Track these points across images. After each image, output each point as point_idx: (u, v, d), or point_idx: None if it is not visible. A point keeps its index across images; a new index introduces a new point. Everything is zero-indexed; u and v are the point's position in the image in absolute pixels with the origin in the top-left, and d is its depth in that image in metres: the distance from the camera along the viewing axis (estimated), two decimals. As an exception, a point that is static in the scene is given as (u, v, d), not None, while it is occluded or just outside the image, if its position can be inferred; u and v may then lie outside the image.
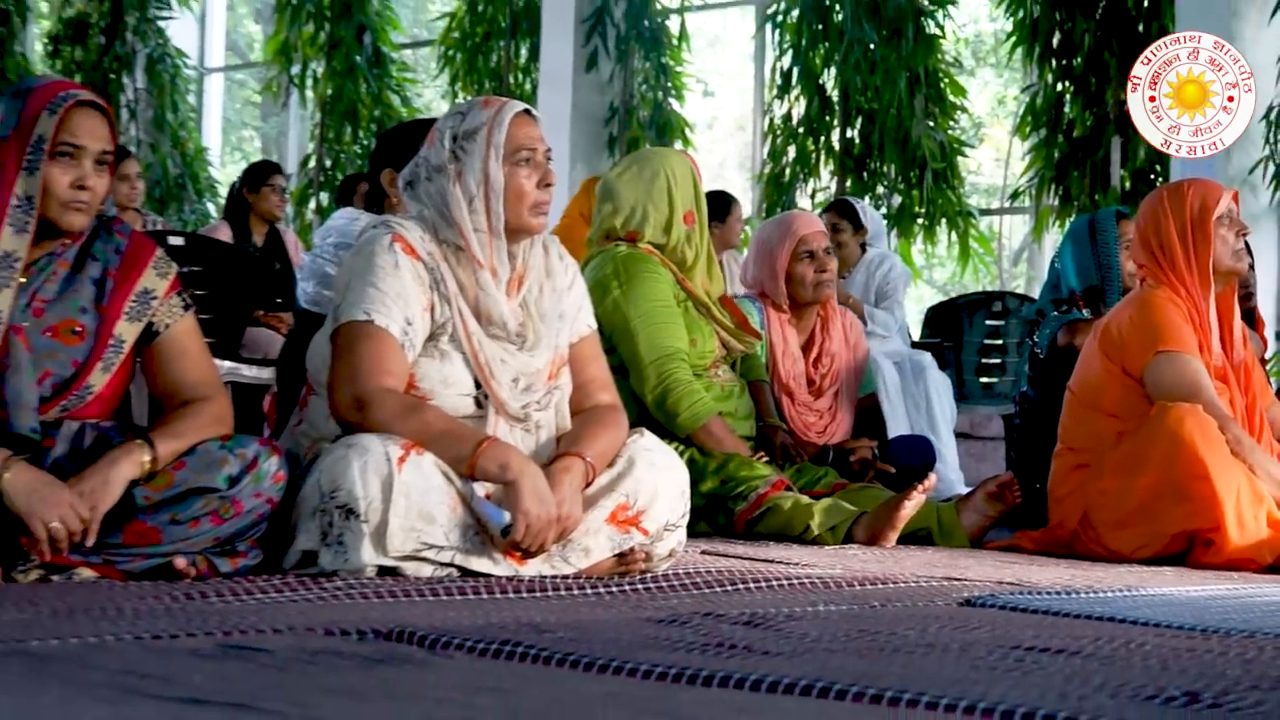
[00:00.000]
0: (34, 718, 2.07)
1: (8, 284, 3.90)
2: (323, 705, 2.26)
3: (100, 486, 3.78)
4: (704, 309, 6.04)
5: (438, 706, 2.32)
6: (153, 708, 2.18)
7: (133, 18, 15.06)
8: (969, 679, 2.63)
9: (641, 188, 6.06)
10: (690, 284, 6.02)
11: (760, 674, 2.52)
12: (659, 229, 6.03)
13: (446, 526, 4.02)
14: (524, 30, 12.83)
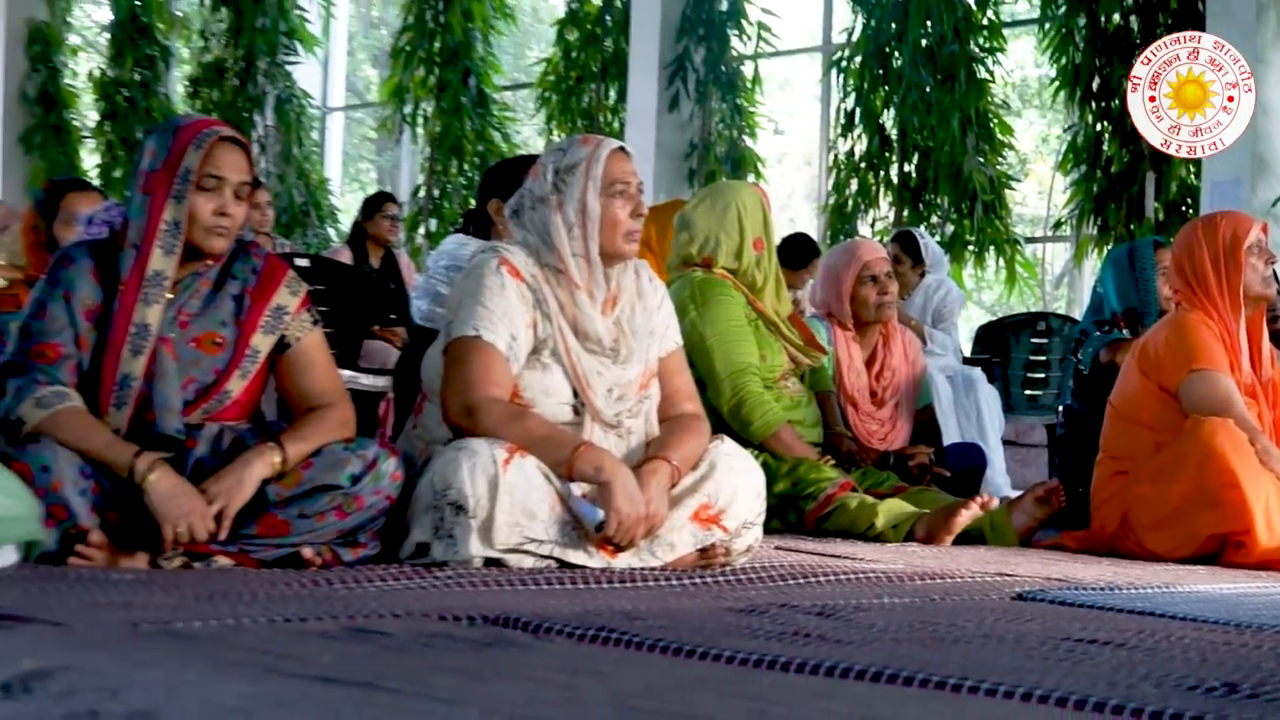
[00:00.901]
0: (180, 693, 2.06)
1: (158, 300, 3.92)
2: (439, 684, 2.26)
3: (236, 484, 3.79)
4: (773, 327, 6.02)
5: (542, 687, 2.30)
6: (288, 685, 2.18)
7: (263, 62, 15.14)
8: (1024, 668, 2.61)
9: (715, 218, 6.04)
10: (760, 304, 6.00)
11: (833, 661, 2.50)
12: (731, 255, 6.01)
13: (546, 522, 4.02)
14: (613, 74, 12.83)
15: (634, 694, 2.28)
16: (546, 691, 2.27)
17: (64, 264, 3.99)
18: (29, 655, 2.25)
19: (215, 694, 2.06)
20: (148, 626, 2.72)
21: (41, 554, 3.61)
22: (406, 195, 14.34)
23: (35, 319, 3.94)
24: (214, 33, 15.50)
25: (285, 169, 14.81)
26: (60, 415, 3.80)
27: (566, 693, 2.26)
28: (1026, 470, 10.11)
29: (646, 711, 2.14)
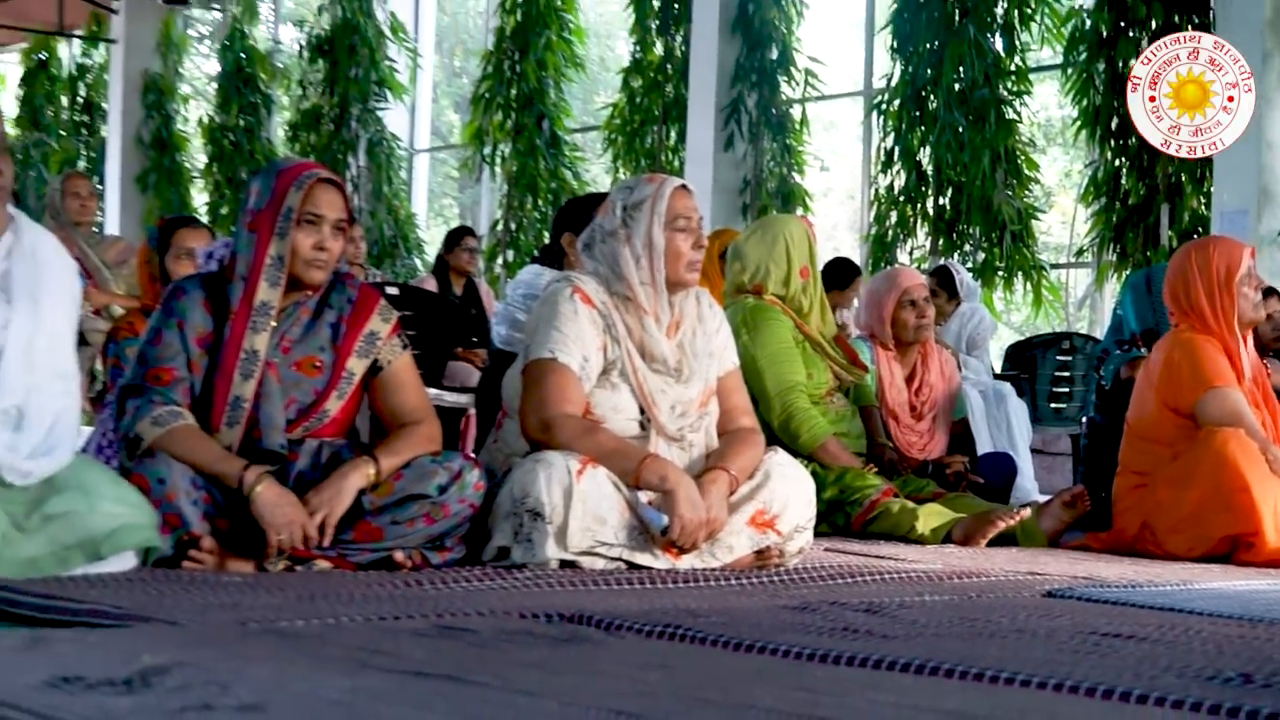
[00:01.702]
0: (286, 686, 2.07)
1: (265, 328, 3.94)
2: (521, 678, 2.25)
3: (335, 495, 3.80)
4: (818, 347, 6.00)
5: (616, 680, 2.30)
6: (384, 679, 2.18)
7: (356, 109, 15.19)
8: (1056, 660, 2.59)
9: (764, 249, 6.02)
10: (807, 327, 5.97)
11: (881, 655, 2.49)
12: (779, 282, 5.99)
13: (616, 527, 4.01)
14: (673, 117, 12.82)
15: (699, 686, 2.27)
16: (619, 684, 2.26)
17: (178, 295, 4.01)
18: (147, 652, 2.25)
19: (318, 688, 2.06)
20: (255, 625, 2.73)
21: (157, 559, 3.62)
22: (485, 229, 14.36)
23: (151, 345, 3.96)
24: (311, 82, 15.56)
25: (376, 205, 14.87)
26: (175, 432, 3.81)
27: (637, 685, 2.25)
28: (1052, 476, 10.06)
29: (711, 702, 2.13)
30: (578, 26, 14.03)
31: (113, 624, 2.77)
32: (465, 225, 11.59)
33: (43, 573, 3.29)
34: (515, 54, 13.88)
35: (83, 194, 8.26)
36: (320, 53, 15.42)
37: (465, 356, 9.12)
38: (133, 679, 2.02)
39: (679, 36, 12.85)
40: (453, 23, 24.24)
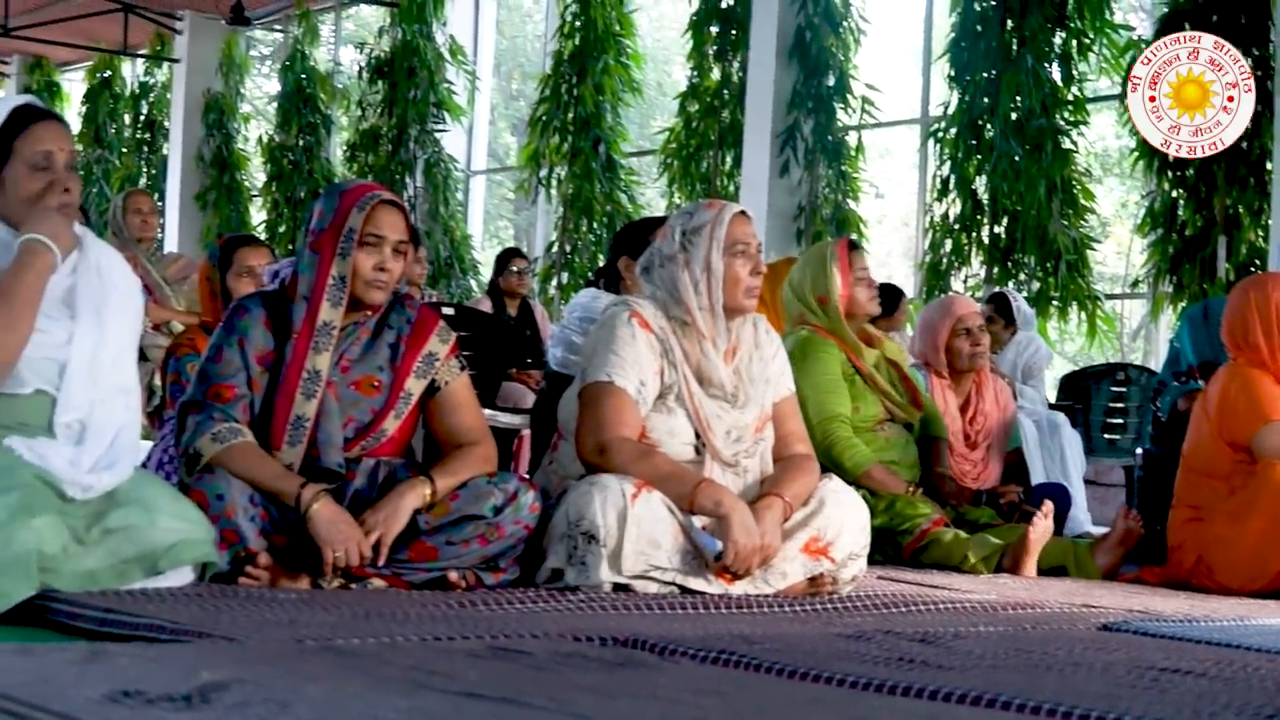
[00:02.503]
0: (344, 706, 2.06)
1: (327, 348, 3.95)
2: (577, 701, 2.24)
3: (391, 514, 3.81)
4: (871, 380, 5.95)
5: (672, 706, 2.29)
6: (439, 700, 2.17)
7: (414, 130, 15.23)
8: (1114, 695, 2.56)
9: (799, 279, 6.02)
10: (860, 360, 5.93)
11: (937, 685, 2.47)
12: (816, 312, 5.94)
13: (670, 551, 4.00)
14: (729, 142, 12.79)
15: (755, 713, 2.26)
16: (675, 710, 2.25)
17: (239, 313, 4.03)
18: (206, 668, 2.25)
19: (375, 707, 2.05)
20: (312, 643, 2.73)
21: (214, 574, 3.63)
22: (540, 251, 14.38)
23: (212, 362, 3.98)
24: (370, 103, 15.62)
25: (432, 226, 14.90)
26: (234, 449, 3.83)
27: (693, 711, 2.24)
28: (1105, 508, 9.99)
29: (767, 730, 2.12)
30: (635, 51, 14.04)
31: (170, 639, 2.78)
32: (513, 247, 11.62)
33: (101, 586, 3.30)
34: (573, 78, 13.90)
35: (144, 210, 8.31)
36: (380, 74, 15.48)
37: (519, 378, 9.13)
38: (192, 695, 2.02)
39: (736, 62, 12.85)
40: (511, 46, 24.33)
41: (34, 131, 3.55)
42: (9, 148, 3.53)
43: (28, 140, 3.54)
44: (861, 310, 5.98)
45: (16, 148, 3.53)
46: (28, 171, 3.53)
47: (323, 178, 16.45)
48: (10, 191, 3.53)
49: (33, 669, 2.22)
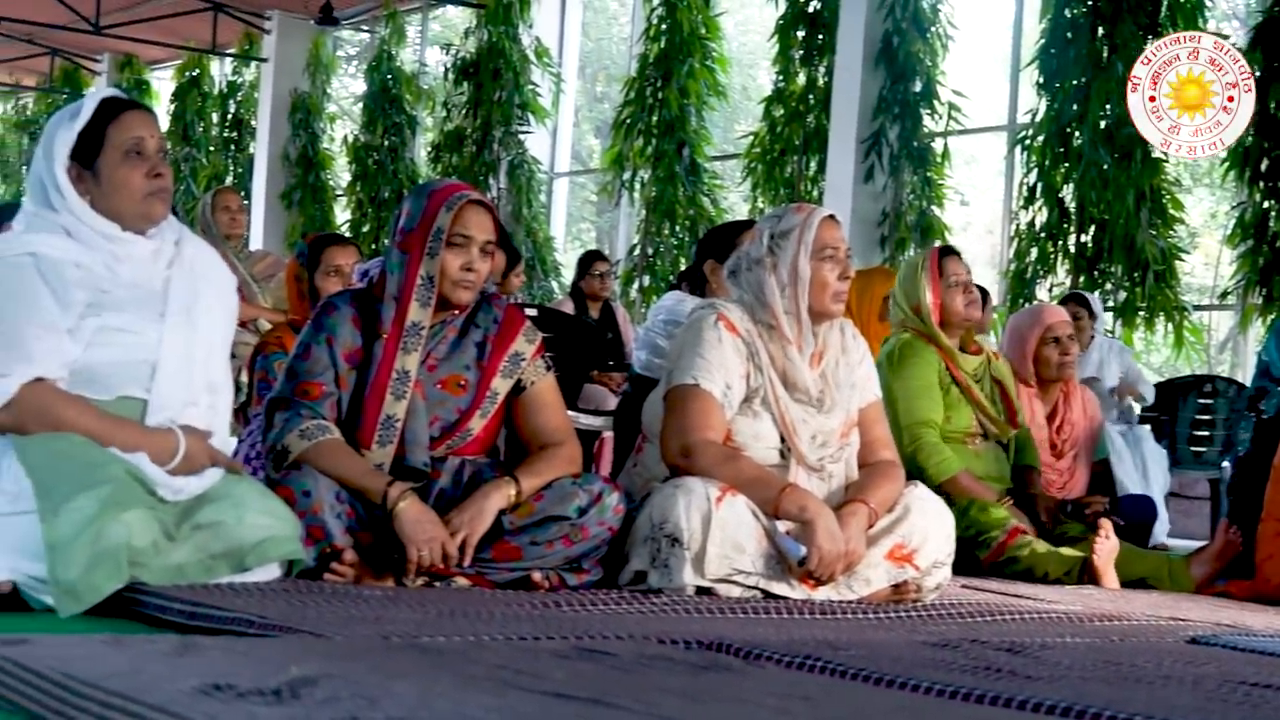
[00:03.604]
0: (432, 704, 2.06)
1: (416, 348, 3.96)
2: (663, 703, 2.23)
3: (476, 515, 3.82)
4: (968, 392, 5.91)
5: (758, 710, 2.27)
6: (526, 699, 2.17)
7: (498, 131, 15.29)
8: (1205, 709, 2.53)
9: (897, 286, 6.00)
10: (957, 368, 5.89)
11: (1026, 696, 2.45)
12: (912, 317, 5.92)
13: (753, 555, 3.99)
14: (814, 148, 12.76)
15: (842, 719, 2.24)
16: (761, 714, 2.24)
17: (328, 311, 4.05)
18: (294, 663, 2.26)
19: (463, 706, 2.05)
20: (398, 639, 2.74)
21: (300, 570, 3.65)
22: (622, 254, 14.40)
23: (301, 360, 4.00)
24: (455, 104, 15.69)
25: (515, 227, 14.94)
26: (321, 446, 3.85)
27: (779, 716, 2.23)
28: (1189, 521, 9.91)
29: (855, 737, 2.11)
30: (721, 55, 14.02)
31: (258, 633, 2.80)
32: (595, 250, 11.63)
33: (189, 580, 3.32)
34: (658, 80, 13.90)
35: (233, 208, 8.37)
36: (465, 75, 15.55)
37: (600, 380, 9.14)
38: (281, 689, 2.03)
39: (822, 67, 12.81)
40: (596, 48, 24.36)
41: (124, 119, 3.59)
42: (101, 136, 3.57)
43: (119, 128, 3.58)
44: (957, 317, 5.94)
45: (109, 135, 3.57)
46: (121, 158, 3.56)
47: (407, 178, 16.53)
48: (106, 181, 3.57)
49: (125, 660, 2.24)
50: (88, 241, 3.54)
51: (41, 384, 3.38)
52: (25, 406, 3.36)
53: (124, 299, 3.52)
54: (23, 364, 3.37)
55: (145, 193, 3.58)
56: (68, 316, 3.44)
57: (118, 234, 3.57)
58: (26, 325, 3.39)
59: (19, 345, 3.38)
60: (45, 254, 3.48)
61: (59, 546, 3.08)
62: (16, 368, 3.37)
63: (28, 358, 3.37)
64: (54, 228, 3.54)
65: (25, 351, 3.37)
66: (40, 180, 3.58)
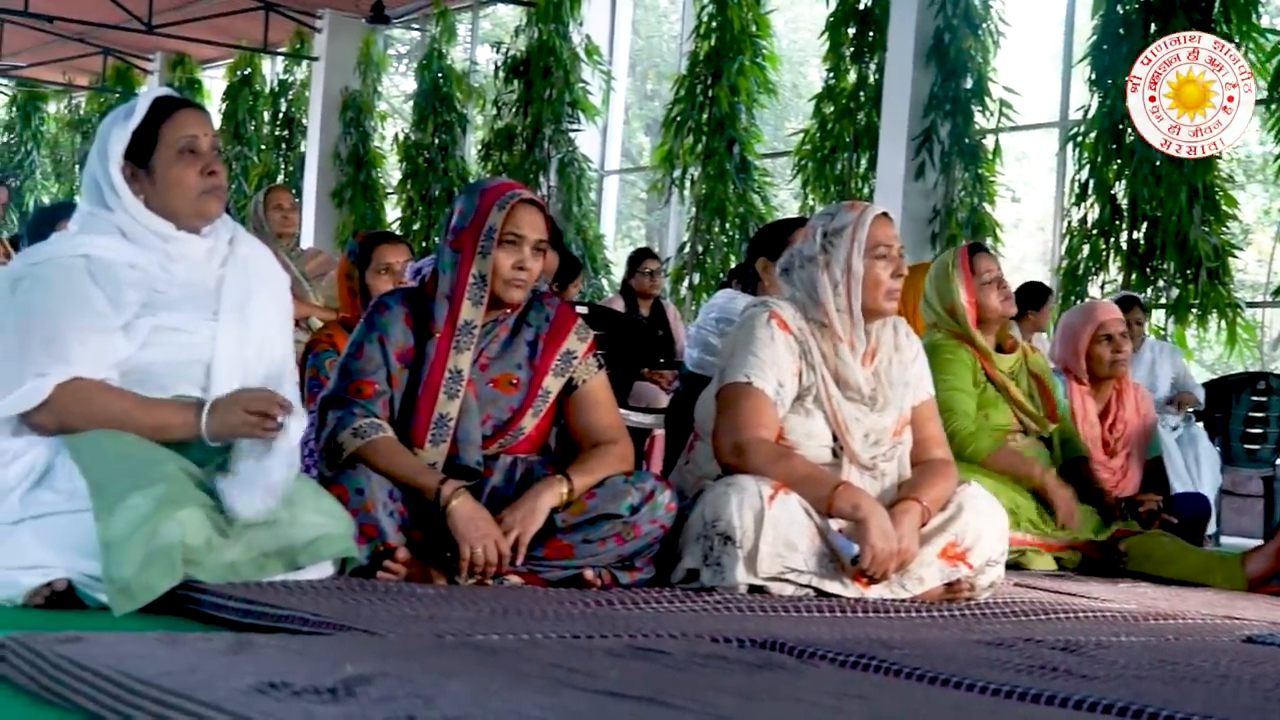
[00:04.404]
0: (487, 702, 2.06)
1: (468, 347, 3.96)
2: (719, 702, 2.23)
3: (529, 514, 3.82)
4: (1004, 390, 5.87)
5: (814, 709, 2.27)
6: (580, 698, 2.17)
7: (549, 129, 15.31)
8: (1265, 709, 2.52)
9: (928, 286, 5.97)
10: (993, 367, 5.85)
11: (1083, 695, 2.43)
12: (945, 319, 5.89)
13: (806, 554, 3.98)
14: (864, 145, 12.73)
15: (898, 718, 2.23)
16: (817, 713, 2.23)
17: (380, 310, 4.05)
18: (349, 661, 2.27)
19: (518, 705, 2.05)
20: (451, 638, 2.74)
21: (354, 569, 3.65)
22: (673, 251, 14.39)
23: (353, 358, 4.01)
24: (506, 102, 15.71)
25: (565, 225, 14.95)
26: (375, 444, 3.85)
27: (836, 715, 2.22)
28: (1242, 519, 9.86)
29: (911, 737, 2.09)
30: (771, 53, 14.00)
31: (312, 631, 2.80)
32: (645, 248, 11.63)
33: (242, 578, 3.32)
34: (708, 78, 13.89)
35: (285, 206, 8.39)
36: (515, 73, 15.57)
37: (651, 377, 9.14)
38: (337, 688, 2.03)
39: (873, 64, 12.78)
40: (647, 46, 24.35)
41: (178, 118, 3.61)
42: (155, 134, 3.58)
43: (173, 126, 3.59)
44: (993, 314, 5.92)
45: (162, 133, 3.58)
46: (175, 156, 3.58)
47: (457, 176, 16.57)
48: (160, 179, 3.58)
49: (180, 658, 2.24)
50: (142, 241, 3.55)
51: (77, 381, 3.39)
52: (62, 404, 3.38)
53: (178, 298, 3.54)
54: (60, 364, 3.39)
55: (199, 191, 3.60)
56: (121, 315, 3.45)
57: (172, 233, 3.59)
58: (69, 327, 3.41)
59: (59, 346, 3.40)
60: (98, 256, 3.49)
61: (114, 544, 3.10)
62: (54, 368, 3.39)
63: (66, 359, 3.40)
64: (109, 228, 3.55)
65: (64, 353, 3.40)
66: (95, 180, 3.60)
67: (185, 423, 3.43)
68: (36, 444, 3.37)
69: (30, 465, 3.34)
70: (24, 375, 3.38)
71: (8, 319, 3.46)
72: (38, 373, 3.39)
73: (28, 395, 3.38)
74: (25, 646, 2.23)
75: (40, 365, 3.39)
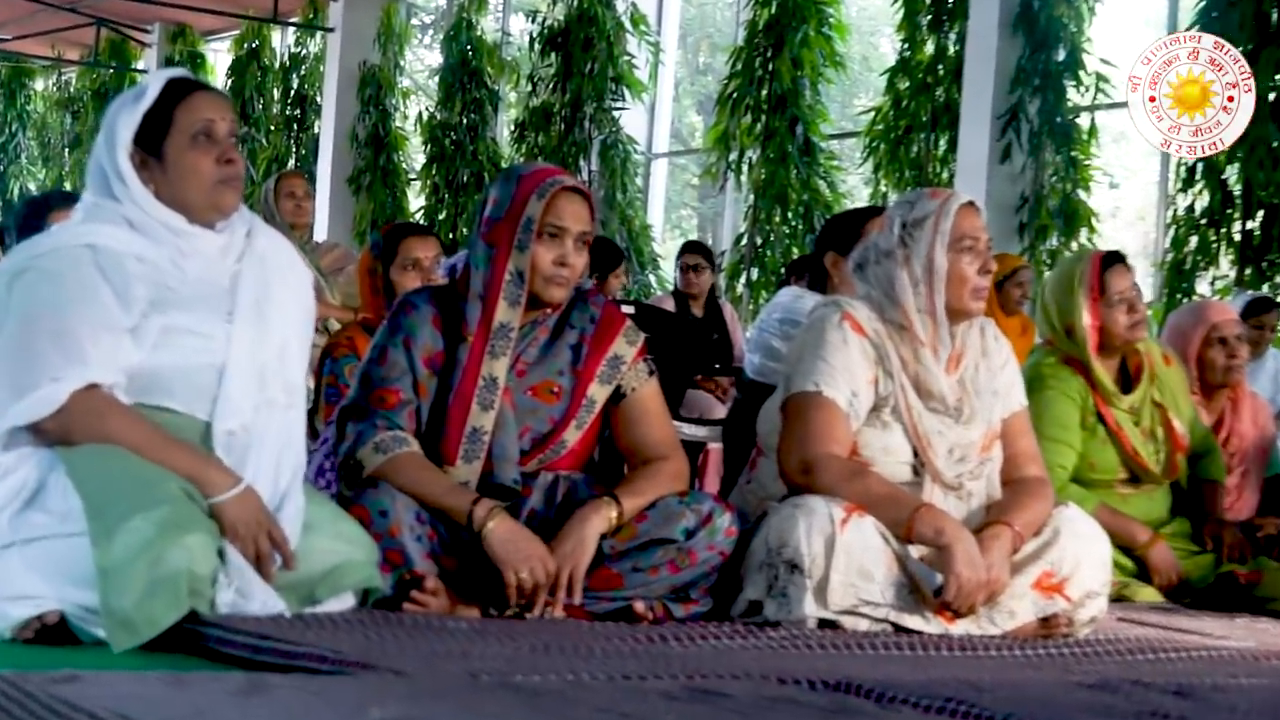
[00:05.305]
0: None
1: (504, 352, 3.96)
2: (788, 753, 2.22)
3: (577, 545, 3.82)
4: (1117, 433, 5.71)
5: (897, 761, 2.25)
6: (635, 747, 2.16)
7: (590, 107, 15.31)
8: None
9: (1048, 295, 5.80)
10: (1107, 406, 5.64)
11: (1200, 746, 2.41)
12: (1064, 335, 5.73)
13: (883, 584, 3.97)
14: (943, 124, 12.69)
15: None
16: (899, 766, 2.22)
17: (405, 310, 4.05)
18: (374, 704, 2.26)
19: (563, 754, 2.05)
20: (487, 678, 2.73)
21: (377, 600, 3.65)
22: (728, 244, 14.38)
23: (375, 364, 4.01)
24: (542, 78, 15.72)
25: (608, 214, 14.96)
26: (399, 460, 3.86)
27: (920, 768, 2.20)
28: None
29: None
30: (839, 21, 13.96)
31: (332, 670, 2.80)
32: (692, 240, 11.62)
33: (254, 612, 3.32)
34: (768, 50, 13.87)
35: (298, 194, 8.40)
36: (553, 46, 15.57)
37: (705, 385, 9.13)
38: (363, 734, 2.03)
39: (953, 34, 12.74)
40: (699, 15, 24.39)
41: (193, 100, 3.61)
42: (168, 119, 3.58)
43: (187, 110, 3.59)
44: (1119, 340, 5.64)
45: (175, 117, 3.58)
46: (188, 143, 3.58)
47: (487, 160, 16.59)
48: (172, 167, 3.58)
49: (186, 701, 2.24)
50: (152, 234, 3.55)
51: (94, 390, 3.39)
52: (75, 414, 3.37)
53: (190, 297, 3.54)
54: (77, 368, 3.39)
55: (215, 180, 3.60)
56: (129, 315, 3.46)
57: (184, 227, 3.59)
58: (82, 325, 3.41)
59: (74, 347, 3.39)
60: (105, 245, 3.50)
61: (112, 572, 3.10)
62: (70, 372, 3.38)
63: (82, 361, 3.39)
64: (115, 218, 3.56)
65: (80, 354, 3.39)
66: (101, 168, 3.61)
67: (207, 487, 3.41)
68: (27, 459, 3.38)
69: (20, 483, 3.34)
70: (36, 379, 3.38)
71: (8, 316, 3.45)
72: (52, 377, 3.38)
73: (41, 402, 3.38)
74: (15, 687, 2.24)
75: (54, 368, 3.38)
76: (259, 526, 3.39)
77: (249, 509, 3.39)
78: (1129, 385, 5.75)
